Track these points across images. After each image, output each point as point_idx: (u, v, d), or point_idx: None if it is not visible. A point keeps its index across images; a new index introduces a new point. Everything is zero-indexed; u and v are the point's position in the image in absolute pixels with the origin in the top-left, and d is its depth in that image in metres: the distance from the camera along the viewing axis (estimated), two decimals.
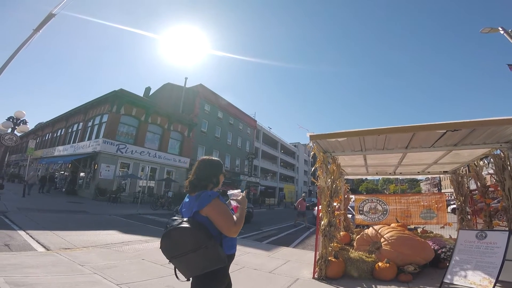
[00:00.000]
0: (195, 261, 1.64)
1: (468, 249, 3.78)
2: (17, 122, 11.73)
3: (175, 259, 1.70)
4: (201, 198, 1.74)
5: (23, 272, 3.80)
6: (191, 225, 1.66)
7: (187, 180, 1.93)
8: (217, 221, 1.70)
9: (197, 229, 1.65)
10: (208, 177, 1.89)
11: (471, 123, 3.74)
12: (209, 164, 1.95)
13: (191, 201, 1.83)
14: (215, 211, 1.71)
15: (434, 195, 7.47)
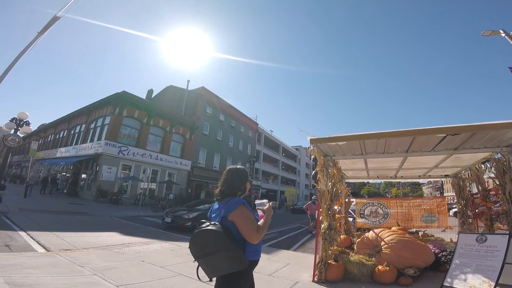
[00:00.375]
0: (217, 262, 1.76)
1: (468, 252, 3.77)
2: (20, 123, 11.78)
3: (199, 259, 1.82)
4: (229, 204, 1.88)
5: (23, 272, 3.82)
6: (217, 228, 1.78)
7: (217, 189, 2.07)
8: (241, 226, 1.82)
9: (221, 232, 1.76)
10: (237, 186, 2.03)
11: (471, 127, 3.74)
12: (236, 173, 2.09)
13: (220, 207, 1.96)
14: (240, 217, 1.83)
15: (436, 199, 7.45)
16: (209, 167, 29.01)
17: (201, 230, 1.82)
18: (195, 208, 11.22)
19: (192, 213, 10.34)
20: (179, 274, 4.61)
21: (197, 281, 4.26)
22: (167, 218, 10.53)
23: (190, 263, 5.41)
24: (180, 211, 10.89)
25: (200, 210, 10.78)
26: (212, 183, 28.48)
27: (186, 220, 10.07)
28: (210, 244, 1.76)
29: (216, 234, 1.76)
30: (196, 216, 10.09)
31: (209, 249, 1.76)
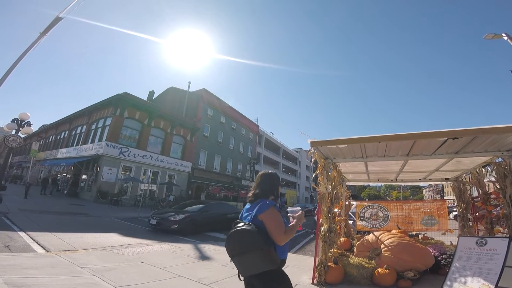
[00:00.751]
0: (251, 261, 1.85)
1: (468, 255, 3.76)
2: (22, 124, 11.81)
3: (234, 257, 1.93)
4: (261, 204, 2.01)
5: (23, 273, 3.82)
6: (251, 228, 1.89)
7: (251, 192, 2.21)
8: (269, 226, 1.93)
9: (255, 232, 1.87)
10: (270, 189, 2.18)
11: (472, 131, 3.74)
12: (269, 177, 2.25)
13: (251, 207, 2.09)
14: (269, 217, 1.95)
15: (436, 202, 7.43)
16: (210, 169, 29.00)
17: (236, 229, 1.93)
18: (184, 210, 10.81)
19: (179, 215, 9.80)
20: (178, 275, 4.60)
21: (196, 283, 4.28)
22: (153, 220, 9.94)
23: (190, 265, 5.41)
24: (167, 213, 10.37)
25: (189, 212, 10.37)
26: (212, 185, 28.47)
27: (173, 222, 9.51)
28: (244, 243, 1.87)
29: (250, 234, 1.86)
30: (183, 218, 9.66)
31: (243, 248, 1.86)
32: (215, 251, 7.01)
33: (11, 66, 9.69)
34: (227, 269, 5.25)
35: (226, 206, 13.51)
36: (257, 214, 1.97)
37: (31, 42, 9.97)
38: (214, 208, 11.70)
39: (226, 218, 11.84)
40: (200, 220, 10.30)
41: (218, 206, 12.45)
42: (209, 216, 10.89)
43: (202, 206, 11.17)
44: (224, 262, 5.79)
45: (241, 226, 1.95)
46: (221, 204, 13.73)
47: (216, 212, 11.41)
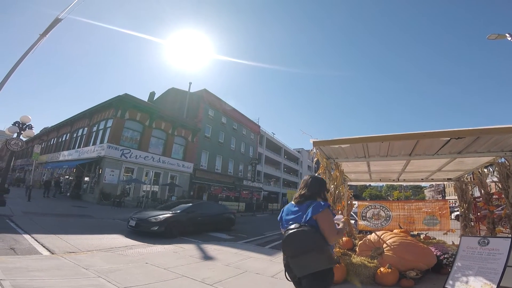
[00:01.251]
0: (311, 261, 1.91)
1: (470, 255, 3.78)
2: (23, 127, 11.90)
3: (295, 258, 1.98)
4: (316, 205, 2.07)
5: (29, 275, 3.87)
6: (309, 229, 1.96)
7: (298, 193, 2.30)
8: (324, 226, 2.00)
9: (314, 232, 1.95)
10: (318, 192, 2.25)
11: (475, 131, 3.76)
12: (318, 181, 2.34)
13: (300, 208, 2.15)
14: (324, 218, 2.02)
15: (438, 202, 7.44)
16: (211, 169, 29.06)
17: (296, 230, 1.97)
18: (166, 210, 10.07)
19: (160, 216, 9.00)
20: (182, 276, 4.64)
21: (200, 283, 4.32)
22: (132, 221, 9.05)
23: (193, 265, 5.45)
24: (148, 213, 9.55)
25: (172, 212, 9.61)
26: (214, 185, 28.52)
27: (153, 224, 8.70)
28: (306, 244, 1.92)
29: (311, 234, 1.93)
30: (164, 219, 8.90)
31: (306, 248, 1.92)
32: (218, 251, 7.04)
33: (12, 68, 9.68)
34: (230, 269, 5.29)
35: (215, 206, 12.96)
36: (313, 214, 2.03)
37: (31, 43, 10.00)
38: (202, 208, 11.10)
39: (215, 218, 11.42)
40: (186, 221, 9.68)
41: (207, 206, 11.94)
42: (196, 216, 10.29)
43: (188, 206, 10.48)
44: (227, 262, 5.83)
45: (297, 227, 1.99)
46: (210, 203, 13.11)
47: (204, 212, 10.82)
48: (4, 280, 3.48)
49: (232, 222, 12.67)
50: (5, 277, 3.60)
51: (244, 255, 6.75)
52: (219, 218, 11.65)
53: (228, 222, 12.30)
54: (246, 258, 6.41)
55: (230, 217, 12.58)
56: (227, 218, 12.28)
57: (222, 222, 11.85)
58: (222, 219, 11.92)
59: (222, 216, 11.94)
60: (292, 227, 2.02)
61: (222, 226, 11.70)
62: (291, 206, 2.27)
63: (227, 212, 12.63)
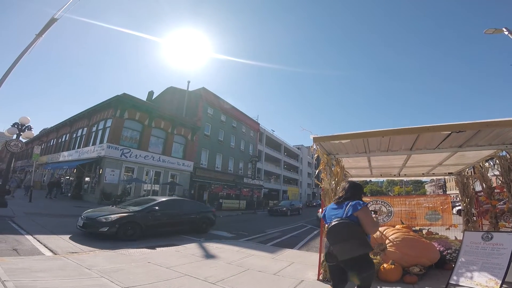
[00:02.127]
0: (351, 247, 2.39)
1: (474, 250, 3.77)
2: (22, 128, 11.86)
3: (336, 244, 2.48)
4: (355, 204, 2.59)
5: (32, 276, 3.86)
6: (349, 221, 2.50)
7: (337, 195, 2.93)
8: (365, 221, 2.52)
9: (353, 224, 2.48)
10: (356, 194, 2.80)
11: (476, 125, 3.74)
12: (354, 185, 2.89)
13: (340, 207, 2.71)
14: (365, 214, 2.55)
15: (439, 197, 7.43)
16: (212, 167, 29.06)
17: (338, 222, 2.50)
18: (124, 208, 8.82)
19: (112, 215, 7.83)
20: (184, 274, 4.64)
21: (202, 281, 4.32)
22: (80, 220, 7.92)
23: (195, 264, 5.44)
24: (100, 212, 8.34)
25: (130, 211, 8.39)
26: (214, 184, 28.53)
27: (102, 224, 7.54)
28: (346, 233, 2.43)
29: (351, 225, 2.45)
30: (116, 219, 7.73)
31: (345, 237, 2.41)
32: (220, 249, 7.05)
33: (8, 69, 9.59)
34: (233, 267, 5.29)
35: (190, 204, 11.21)
36: (353, 212, 2.53)
37: (27, 43, 9.91)
38: (170, 206, 9.75)
39: (188, 218, 9.99)
40: (146, 222, 8.35)
41: (178, 204, 10.41)
42: (161, 216, 8.97)
43: (151, 204, 9.11)
44: (229, 260, 5.83)
45: (339, 220, 2.51)
46: (183, 201, 11.29)
47: (172, 212, 9.52)
48: (7, 281, 3.47)
49: (211, 222, 11.13)
50: (8, 278, 3.59)
51: (246, 253, 6.75)
52: (194, 218, 10.20)
53: (205, 223, 10.72)
54: (248, 256, 6.41)
55: (209, 217, 10.99)
56: (204, 218, 10.70)
57: (197, 223, 10.31)
58: (198, 220, 10.35)
59: (198, 216, 10.39)
60: (335, 220, 2.55)
61: (198, 227, 10.23)
62: (332, 206, 2.86)
63: (205, 211, 11.09)
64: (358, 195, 2.80)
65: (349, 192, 2.79)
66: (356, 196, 2.77)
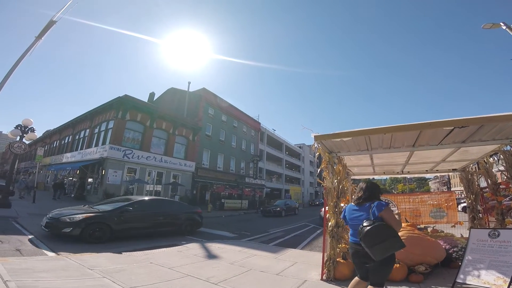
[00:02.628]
0: (388, 246, 2.50)
1: (481, 248, 3.70)
2: (25, 130, 11.93)
3: (374, 245, 2.52)
4: (378, 205, 2.67)
5: (34, 276, 3.85)
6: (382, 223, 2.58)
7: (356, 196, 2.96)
8: (390, 220, 2.62)
9: (386, 225, 2.57)
10: (374, 194, 2.85)
11: (479, 120, 3.67)
12: (372, 185, 2.93)
13: (362, 208, 2.80)
14: (388, 214, 2.65)
15: (444, 194, 7.36)
16: (213, 167, 29.05)
17: (373, 226, 2.56)
18: (92, 208, 8.18)
19: (77, 215, 7.22)
20: (186, 275, 4.61)
21: (204, 282, 4.29)
22: (44, 219, 7.47)
23: (197, 264, 5.42)
24: (66, 211, 7.74)
25: (98, 211, 7.79)
26: (216, 184, 28.52)
27: (66, 225, 6.99)
28: (383, 234, 2.52)
29: (385, 227, 2.56)
30: (82, 220, 7.14)
31: (381, 238, 2.50)
32: (222, 249, 7.02)
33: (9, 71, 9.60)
34: (235, 267, 5.25)
35: (171, 204, 10.35)
36: (378, 212, 2.63)
37: (27, 46, 9.91)
38: (148, 206, 9.05)
39: (168, 220, 9.25)
40: (118, 223, 7.71)
41: (158, 204, 9.59)
42: (135, 217, 8.25)
43: (125, 204, 8.48)
44: (231, 261, 5.79)
45: (371, 224, 2.58)
46: (163, 201, 10.40)
47: (150, 212, 8.78)
48: (10, 281, 3.47)
49: (197, 224, 10.34)
50: (11, 278, 3.59)
51: (248, 253, 6.72)
52: (176, 220, 9.49)
53: (190, 224, 9.97)
54: (250, 256, 6.37)
55: (193, 218, 10.19)
56: (189, 220, 9.96)
57: (180, 224, 9.58)
58: (181, 221, 9.64)
59: (181, 217, 9.66)
60: (366, 224, 2.59)
61: (182, 229, 9.50)
62: (352, 207, 2.92)
63: (189, 212, 10.28)
64: (376, 195, 2.87)
65: (367, 192, 2.86)
66: (375, 196, 2.84)
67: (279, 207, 21.84)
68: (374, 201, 2.75)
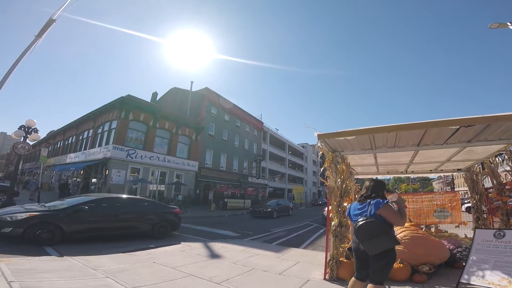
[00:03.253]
0: (380, 243, 2.57)
1: (485, 248, 3.66)
2: (29, 130, 11.99)
3: (365, 242, 2.65)
4: (376, 203, 2.72)
5: (37, 277, 3.86)
6: (375, 219, 2.67)
7: (360, 194, 3.05)
8: (389, 217, 2.68)
9: (379, 222, 2.65)
10: (377, 191, 2.90)
11: (485, 119, 3.62)
12: (376, 183, 3.00)
13: (364, 206, 2.86)
14: (387, 211, 2.69)
15: (448, 194, 7.29)
16: (216, 167, 29.10)
17: (364, 222, 2.69)
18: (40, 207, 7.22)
19: (20, 214, 6.44)
20: (189, 275, 4.61)
21: (207, 281, 4.28)
22: None
23: (200, 263, 5.41)
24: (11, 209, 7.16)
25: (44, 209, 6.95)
26: (219, 183, 28.56)
27: (6, 224, 6.21)
28: (373, 230, 2.61)
29: (376, 223, 2.63)
30: (25, 219, 6.30)
31: (373, 234, 2.59)
32: (225, 249, 7.01)
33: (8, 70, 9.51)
34: (238, 267, 5.25)
35: (141, 203, 9.09)
36: (376, 210, 2.68)
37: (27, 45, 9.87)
38: (111, 205, 7.97)
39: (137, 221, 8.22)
40: (71, 223, 6.78)
41: (124, 203, 8.43)
42: (96, 217, 7.38)
43: (80, 202, 7.47)
44: (234, 260, 5.79)
45: (364, 219, 2.70)
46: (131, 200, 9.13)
47: (113, 213, 7.70)
48: (13, 282, 3.48)
49: (173, 225, 9.16)
50: (14, 278, 3.61)
51: (251, 252, 6.71)
52: (147, 220, 8.38)
53: (164, 226, 8.77)
54: (253, 256, 6.36)
55: (169, 219, 9.02)
56: (163, 221, 8.80)
57: (153, 225, 8.45)
58: (154, 222, 8.51)
59: (154, 217, 8.52)
60: (361, 220, 2.73)
61: (155, 232, 8.42)
62: (356, 205, 3.00)
63: (165, 212, 9.11)
64: (380, 192, 2.91)
65: (370, 190, 2.93)
66: (378, 194, 2.88)
67: (270, 208, 19.75)
68: (376, 199, 2.80)
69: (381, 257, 2.62)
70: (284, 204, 22.50)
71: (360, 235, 2.70)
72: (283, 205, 22.06)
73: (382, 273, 2.67)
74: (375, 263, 2.65)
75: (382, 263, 2.63)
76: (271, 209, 19.63)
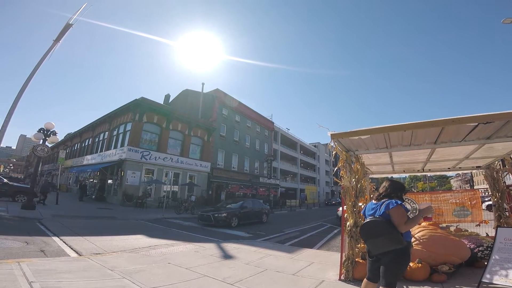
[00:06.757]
0: (382, 242, 2.56)
1: (508, 247, 3.52)
2: (47, 133, 12.42)
3: (368, 240, 2.70)
4: (388, 203, 2.69)
5: (57, 277, 3.98)
6: (380, 219, 2.66)
7: (377, 193, 3.01)
8: (394, 218, 2.62)
9: (384, 221, 2.61)
10: (392, 192, 2.85)
11: (505, 115, 3.47)
12: (392, 183, 2.95)
13: (378, 205, 2.80)
14: (395, 212, 2.62)
15: (467, 192, 7.04)
16: (228, 167, 29.23)
17: (369, 220, 2.71)
18: None
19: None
20: (203, 275, 4.64)
21: (221, 282, 4.30)
22: None
23: (214, 264, 5.44)
24: None
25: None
26: (231, 184, 28.68)
27: None
28: (376, 229, 2.60)
29: (380, 223, 2.62)
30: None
31: (376, 233, 2.59)
32: (238, 249, 7.03)
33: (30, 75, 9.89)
34: (251, 268, 5.24)
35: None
36: (385, 210, 2.65)
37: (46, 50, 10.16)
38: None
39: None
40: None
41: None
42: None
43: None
44: (247, 261, 5.79)
45: (371, 218, 2.72)
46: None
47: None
48: (34, 282, 3.59)
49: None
50: (35, 279, 3.72)
51: (264, 253, 6.69)
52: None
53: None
54: (266, 256, 6.34)
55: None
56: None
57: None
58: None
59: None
60: (368, 219, 2.76)
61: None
62: (371, 204, 2.97)
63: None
64: (396, 193, 2.87)
65: (385, 190, 2.91)
66: (394, 194, 2.85)
67: (227, 212, 12.60)
68: (391, 199, 2.76)
69: (388, 258, 2.57)
70: (252, 207, 14.34)
71: (363, 233, 2.75)
72: (252, 209, 14.17)
73: (390, 275, 2.59)
74: (384, 263, 2.62)
75: (390, 264, 2.58)
76: (228, 214, 12.55)
